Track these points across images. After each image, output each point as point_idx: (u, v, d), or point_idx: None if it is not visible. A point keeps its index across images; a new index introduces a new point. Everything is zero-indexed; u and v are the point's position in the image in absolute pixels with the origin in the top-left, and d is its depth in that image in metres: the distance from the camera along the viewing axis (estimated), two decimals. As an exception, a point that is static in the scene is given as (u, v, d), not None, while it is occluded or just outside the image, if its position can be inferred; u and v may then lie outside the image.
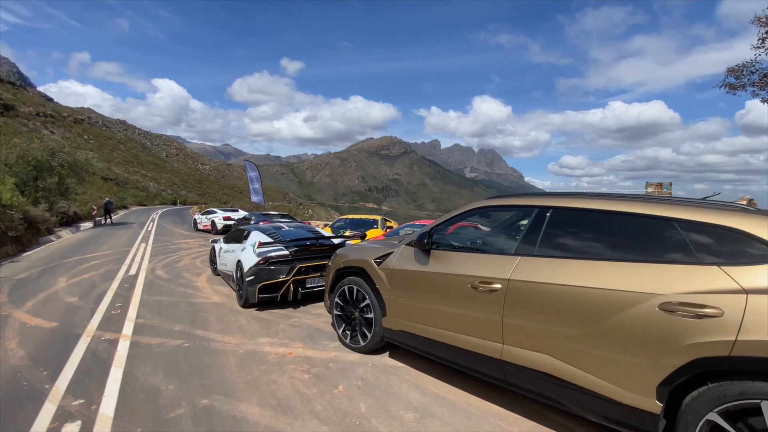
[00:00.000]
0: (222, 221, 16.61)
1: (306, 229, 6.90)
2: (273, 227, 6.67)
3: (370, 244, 4.16)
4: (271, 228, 6.57)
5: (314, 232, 6.57)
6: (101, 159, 73.11)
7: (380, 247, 3.75)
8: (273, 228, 6.59)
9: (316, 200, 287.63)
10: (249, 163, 18.22)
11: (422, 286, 3.12)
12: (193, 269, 8.66)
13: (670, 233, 2.09)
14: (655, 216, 2.17)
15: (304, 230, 6.71)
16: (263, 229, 6.53)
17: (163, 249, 11.90)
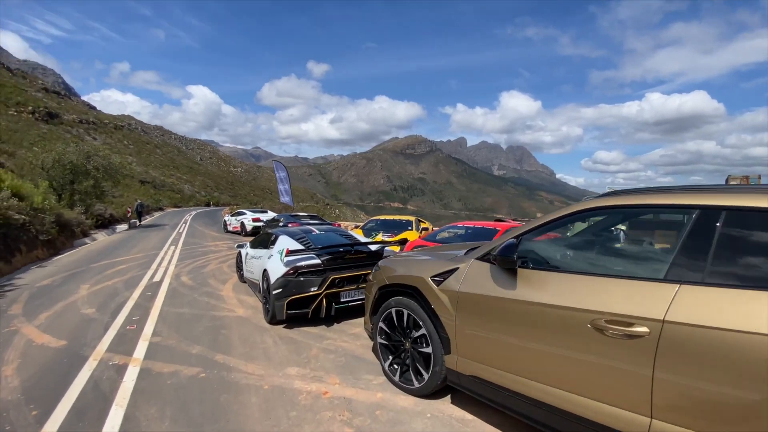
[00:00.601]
0: (251, 223, 16.28)
1: (338, 232, 6.17)
2: (302, 231, 5.98)
3: (420, 256, 3.33)
4: (301, 232, 5.88)
5: (348, 237, 5.82)
6: (139, 163, 76.42)
7: (436, 260, 2.92)
8: (302, 232, 5.89)
9: (343, 200, 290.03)
10: (277, 163, 17.83)
11: (508, 319, 2.26)
12: (220, 275, 8.14)
13: None
14: None
15: (337, 234, 5.97)
16: (291, 233, 5.84)
17: (192, 252, 11.57)
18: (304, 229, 6.14)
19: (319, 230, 6.10)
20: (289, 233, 5.82)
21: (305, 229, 6.15)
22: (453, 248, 3.43)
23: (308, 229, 6.16)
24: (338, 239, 5.59)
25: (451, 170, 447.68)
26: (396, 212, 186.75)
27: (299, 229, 6.23)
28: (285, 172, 17.70)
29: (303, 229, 6.14)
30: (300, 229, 6.13)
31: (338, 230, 6.39)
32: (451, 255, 2.93)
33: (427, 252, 3.56)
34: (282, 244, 5.26)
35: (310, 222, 11.14)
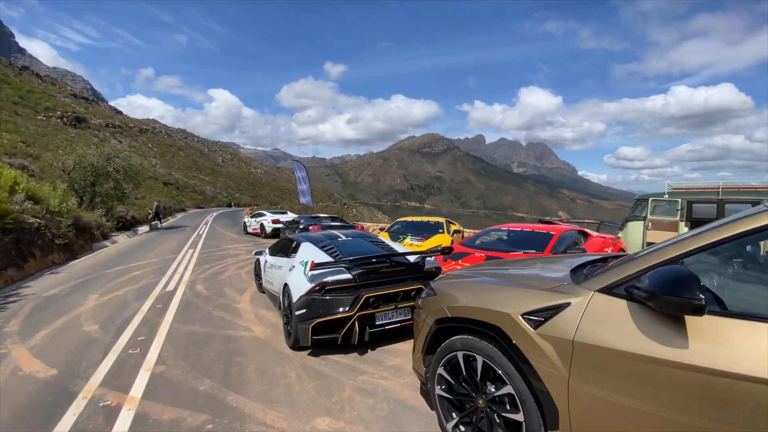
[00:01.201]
0: (271, 224, 15.75)
1: (367, 239, 5.39)
2: (327, 237, 5.23)
3: (492, 277, 2.47)
4: (325, 239, 5.13)
5: (380, 245, 5.02)
6: (163, 165, 78.07)
7: (524, 288, 2.07)
8: (327, 238, 5.14)
9: (360, 200, 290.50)
10: (297, 163, 17.25)
11: (674, 395, 1.40)
12: (237, 283, 7.50)
13: None
14: None
15: (366, 241, 5.19)
16: (315, 239, 5.10)
17: (210, 256, 11.04)
18: (329, 235, 5.39)
19: (345, 236, 5.33)
20: (313, 240, 5.07)
21: (330, 235, 5.39)
22: (536, 265, 2.58)
23: (333, 235, 5.40)
24: (370, 248, 4.81)
25: (469, 168, 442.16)
26: (413, 212, 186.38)
27: (323, 234, 5.48)
28: (304, 171, 17.10)
29: (328, 235, 5.38)
30: (324, 235, 5.37)
31: (367, 235, 5.61)
32: (546, 280, 2.08)
33: (498, 269, 2.70)
34: (305, 254, 4.52)
35: (331, 224, 10.43)
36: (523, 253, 5.60)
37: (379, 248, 4.79)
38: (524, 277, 2.32)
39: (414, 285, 4.07)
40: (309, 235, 5.43)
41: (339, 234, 5.46)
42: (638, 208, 8.73)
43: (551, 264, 2.53)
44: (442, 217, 10.09)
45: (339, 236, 5.30)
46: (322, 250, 4.60)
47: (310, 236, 5.35)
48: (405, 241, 8.38)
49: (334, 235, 5.36)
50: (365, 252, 4.56)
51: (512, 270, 2.63)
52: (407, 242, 8.31)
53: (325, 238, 5.20)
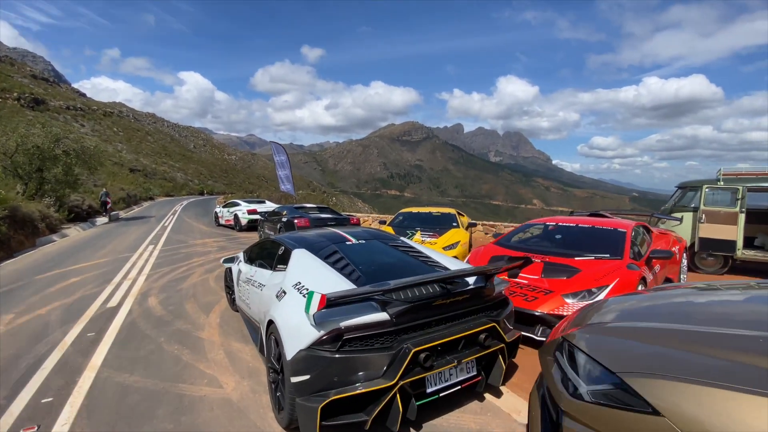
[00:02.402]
0: (246, 215, 13.88)
1: (387, 240, 3.85)
2: (329, 240, 3.65)
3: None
4: (327, 242, 3.55)
5: (413, 253, 3.50)
6: (129, 151, 73.41)
7: None
8: (329, 242, 3.57)
9: (339, 188, 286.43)
10: (276, 145, 15.31)
11: None
12: (203, 295, 5.83)
13: None
14: None
15: (388, 245, 3.66)
16: (312, 243, 3.51)
17: (173, 255, 9.21)
18: (332, 236, 3.81)
19: (355, 237, 3.77)
20: (310, 244, 3.48)
21: (332, 236, 3.81)
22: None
23: (337, 236, 3.82)
24: (399, 259, 3.28)
25: (447, 157, 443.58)
26: (393, 200, 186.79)
27: (322, 235, 3.89)
28: (285, 155, 15.20)
29: (329, 236, 3.80)
30: (325, 237, 3.79)
31: (384, 236, 4.06)
32: None
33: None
34: (302, 271, 2.94)
35: (321, 217, 8.79)
36: (593, 257, 4.22)
37: (413, 259, 3.27)
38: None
39: (481, 324, 2.58)
40: (303, 237, 3.83)
41: (345, 234, 3.89)
42: (684, 197, 7.52)
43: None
44: (452, 208, 8.65)
45: (346, 238, 3.74)
46: (327, 263, 3.04)
47: (304, 238, 3.75)
48: (415, 237, 6.90)
49: (338, 237, 3.80)
50: (395, 267, 3.03)
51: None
52: (417, 238, 6.83)
53: (326, 241, 3.62)
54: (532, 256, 4.47)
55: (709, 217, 6.83)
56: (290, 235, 4.06)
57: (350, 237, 3.81)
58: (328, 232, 4.09)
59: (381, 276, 2.79)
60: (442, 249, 6.54)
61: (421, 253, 3.57)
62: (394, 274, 2.88)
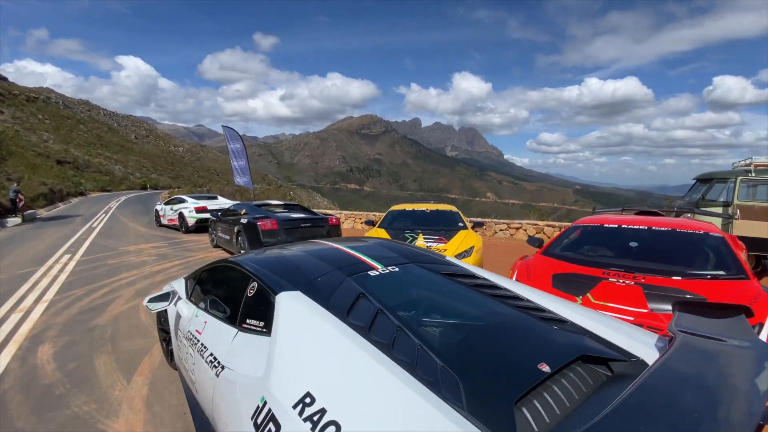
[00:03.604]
0: (193, 214, 11.69)
1: (429, 262, 2.35)
2: (334, 266, 2.08)
3: None
4: (338, 275, 1.98)
5: (488, 288, 2.02)
6: (58, 140, 65.45)
7: None
8: (340, 273, 2.00)
9: (297, 182, 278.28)
10: (229, 130, 13.10)
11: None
12: (126, 340, 4.00)
13: None
14: None
15: (438, 272, 2.17)
16: (315, 284, 1.89)
17: (94, 269, 7.08)
18: (338, 259, 2.22)
19: (379, 261, 2.23)
20: (310, 283, 1.87)
21: (340, 259, 2.23)
22: None
23: (346, 259, 2.25)
24: (486, 310, 1.81)
25: (406, 151, 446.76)
26: (353, 194, 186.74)
27: (323, 256, 2.28)
28: (240, 143, 13.05)
29: (335, 259, 2.22)
30: (328, 261, 2.18)
31: (420, 256, 2.53)
32: None
33: None
34: (313, 371, 1.35)
35: (293, 217, 7.03)
36: (709, 277, 2.99)
37: (506, 307, 1.81)
38: None
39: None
40: (288, 261, 2.23)
41: (356, 253, 2.34)
42: (711, 191, 6.68)
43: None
44: (448, 204, 7.30)
45: (363, 262, 2.19)
46: (355, 328, 1.48)
47: (292, 264, 2.16)
48: (417, 242, 5.44)
49: (347, 259, 2.24)
50: (493, 332, 1.58)
51: None
52: (421, 244, 5.38)
53: (333, 270, 2.05)
54: (616, 275, 3.18)
55: (745, 213, 6.00)
56: (265, 258, 2.43)
57: (367, 258, 2.27)
58: (326, 250, 2.51)
59: (484, 359, 1.32)
60: (454, 257, 5.15)
61: (497, 285, 2.12)
62: (505, 350, 1.42)
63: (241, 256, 2.56)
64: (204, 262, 7.69)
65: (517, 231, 10.40)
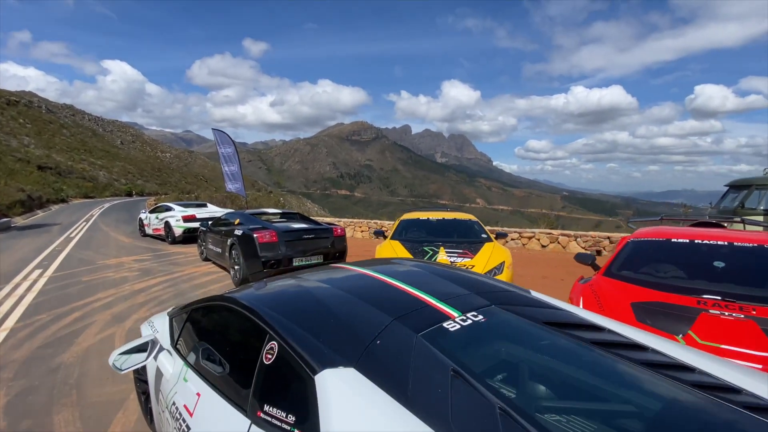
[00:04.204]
0: (181, 223, 10.85)
1: (519, 304, 1.67)
2: (390, 312, 1.41)
3: None
4: (403, 331, 1.30)
5: (625, 351, 1.36)
6: (39, 145, 63.49)
7: None
8: (403, 326, 1.33)
9: (287, 188, 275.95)
10: (220, 134, 12.30)
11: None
12: (95, 387, 3.24)
13: None
14: None
15: (535, 324, 1.50)
16: (376, 355, 1.19)
17: (66, 287, 6.24)
18: (390, 299, 1.57)
19: (450, 304, 1.55)
20: (370, 356, 1.17)
21: (392, 298, 1.57)
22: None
23: (402, 299, 1.58)
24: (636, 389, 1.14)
25: (397, 157, 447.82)
26: (343, 200, 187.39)
27: (370, 296, 1.61)
28: (232, 147, 12.26)
29: (386, 298, 1.56)
30: (378, 303, 1.52)
31: (505, 293, 1.85)
32: None
33: None
34: None
35: (294, 228, 6.29)
36: None
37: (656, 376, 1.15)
38: None
39: None
40: (318, 301, 1.57)
41: (413, 290, 1.67)
42: (750, 198, 6.18)
43: None
44: (464, 213, 6.67)
45: (428, 305, 1.52)
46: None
47: (332, 316, 1.47)
48: (439, 256, 4.79)
49: (404, 301, 1.57)
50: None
51: None
52: (443, 259, 4.73)
53: (385, 315, 1.39)
54: (716, 305, 2.56)
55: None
56: (285, 299, 1.75)
57: (431, 299, 1.60)
58: (364, 282, 1.86)
59: None
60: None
61: (634, 343, 1.46)
62: None
63: (248, 293, 1.87)
64: (193, 278, 6.89)
65: (529, 240, 9.83)
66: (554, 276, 6.93)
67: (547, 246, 9.68)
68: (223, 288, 6.16)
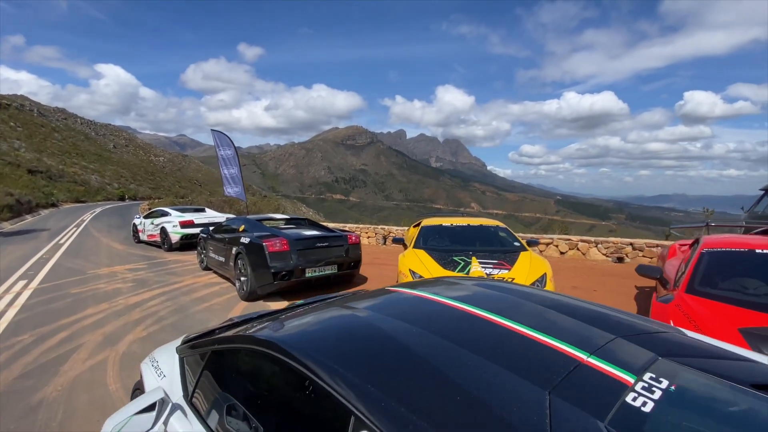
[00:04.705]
0: (179, 229, 10.25)
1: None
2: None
3: None
4: None
5: None
6: (30, 149, 62.34)
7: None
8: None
9: (281, 192, 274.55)
10: (219, 135, 11.73)
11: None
12: (83, 428, 2.67)
13: None
14: None
15: (691, 353, 1.00)
16: None
17: (52, 300, 5.64)
18: (495, 339, 1.09)
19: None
20: (490, 398, 0.78)
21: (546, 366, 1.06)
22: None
23: (543, 355, 1.09)
24: None
25: (392, 162, 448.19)
26: (338, 204, 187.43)
27: (438, 313, 1.18)
28: (232, 149, 11.69)
29: (476, 334, 1.09)
30: (458, 324, 1.09)
31: (674, 340, 1.34)
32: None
33: None
34: None
35: (306, 236, 5.73)
36: None
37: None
38: None
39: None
40: (405, 348, 1.09)
41: (541, 335, 1.16)
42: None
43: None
44: (491, 219, 6.18)
45: (591, 368, 1.01)
46: None
47: (422, 359, 1.01)
48: (472, 268, 4.28)
49: (541, 356, 1.08)
50: None
51: None
52: (478, 271, 4.23)
53: (518, 378, 0.92)
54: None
55: None
56: (347, 345, 1.24)
57: (568, 348, 1.10)
58: (451, 316, 1.35)
59: None
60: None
61: None
62: None
63: (293, 333, 1.36)
64: (193, 289, 6.30)
65: (547, 247, 9.36)
66: (585, 286, 6.45)
67: (566, 252, 9.23)
68: (229, 303, 5.58)
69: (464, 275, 4.08)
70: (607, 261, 8.77)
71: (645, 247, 8.49)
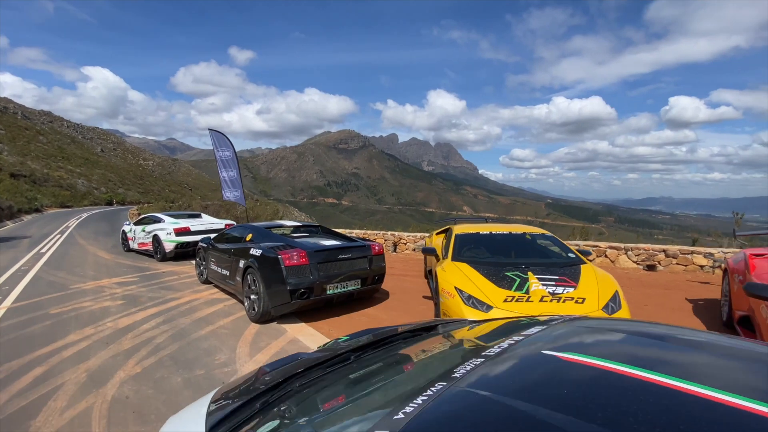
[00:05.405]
0: (173, 237, 9.41)
1: None
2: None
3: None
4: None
5: None
6: (14, 152, 60.44)
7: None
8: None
9: (273, 196, 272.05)
10: (217, 135, 10.91)
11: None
12: None
13: None
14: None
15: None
16: None
17: (27, 325, 4.81)
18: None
19: None
20: None
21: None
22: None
23: None
24: None
25: (384, 165, 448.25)
26: (330, 208, 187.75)
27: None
28: (231, 150, 10.90)
29: None
30: None
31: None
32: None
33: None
34: None
35: (325, 246, 4.98)
36: None
37: None
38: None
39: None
40: None
41: None
42: None
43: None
44: (534, 227, 5.52)
45: None
46: None
47: None
48: (531, 285, 3.61)
49: None
50: None
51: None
52: (539, 290, 3.55)
53: None
54: None
55: None
56: None
57: None
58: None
59: None
60: (601, 312, 3.37)
61: None
62: None
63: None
64: (194, 308, 5.50)
65: (574, 255, 8.76)
66: (631, 299, 5.82)
67: (593, 260, 8.63)
68: (237, 326, 4.80)
69: (528, 299, 3.40)
70: (638, 269, 8.19)
71: (679, 254, 7.93)
